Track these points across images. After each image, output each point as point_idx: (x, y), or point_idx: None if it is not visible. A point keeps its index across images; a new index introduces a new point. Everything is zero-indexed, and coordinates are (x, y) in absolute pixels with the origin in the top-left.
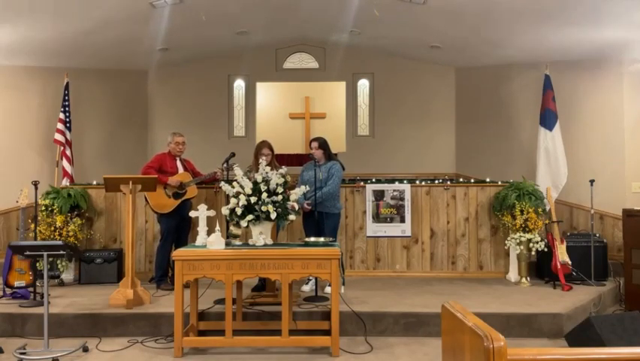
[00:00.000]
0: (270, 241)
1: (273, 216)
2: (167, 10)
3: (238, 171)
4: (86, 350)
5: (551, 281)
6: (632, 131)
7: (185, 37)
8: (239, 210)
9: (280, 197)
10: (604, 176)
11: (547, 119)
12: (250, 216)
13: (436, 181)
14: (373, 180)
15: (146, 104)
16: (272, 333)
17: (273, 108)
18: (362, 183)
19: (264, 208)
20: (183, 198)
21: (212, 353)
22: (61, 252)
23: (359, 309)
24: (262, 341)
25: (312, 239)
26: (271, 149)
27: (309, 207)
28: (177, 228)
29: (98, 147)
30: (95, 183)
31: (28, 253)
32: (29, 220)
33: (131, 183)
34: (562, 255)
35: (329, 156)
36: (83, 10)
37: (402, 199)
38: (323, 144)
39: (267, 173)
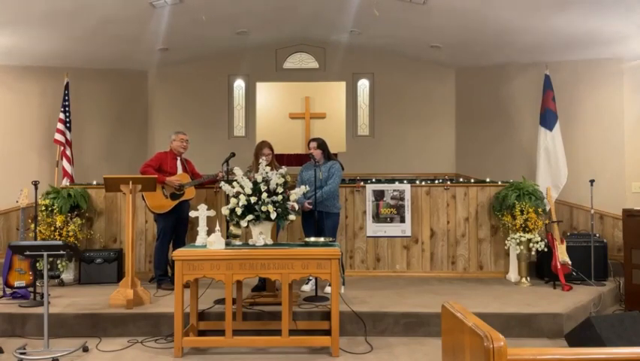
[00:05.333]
0: (270, 241)
1: (273, 216)
2: (167, 10)
3: (238, 172)
4: (86, 350)
5: (551, 281)
6: (632, 131)
7: (185, 37)
8: (239, 210)
9: (280, 197)
10: (604, 176)
11: (547, 119)
12: (250, 216)
13: (436, 181)
14: (373, 180)
15: (146, 104)
16: (272, 333)
17: (273, 108)
18: (362, 183)
19: (264, 208)
20: (181, 199)
21: (212, 353)
22: (61, 252)
23: (359, 309)
24: (262, 341)
25: (312, 239)
26: (271, 149)
27: (310, 207)
28: (174, 228)
29: (98, 147)
30: (95, 183)
31: (28, 253)
32: (29, 220)
33: (131, 183)
34: (562, 255)
35: (328, 155)
36: (83, 10)
37: (402, 199)
38: (322, 144)
39: (267, 173)
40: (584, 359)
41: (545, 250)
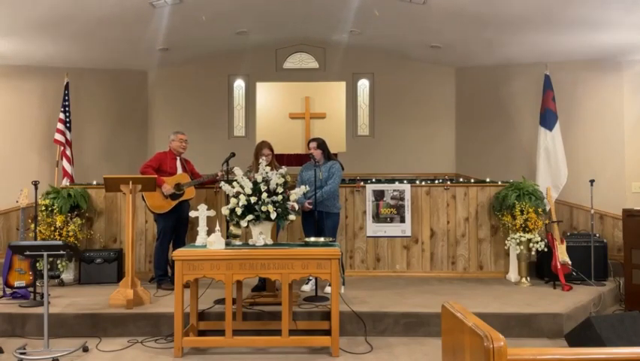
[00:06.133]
0: (270, 241)
1: (273, 216)
2: (167, 10)
3: (238, 172)
4: (86, 350)
5: (551, 281)
6: (632, 131)
7: (185, 37)
8: (239, 210)
9: (280, 197)
10: (604, 176)
11: (547, 119)
12: (250, 216)
13: (436, 181)
14: (373, 180)
15: (146, 104)
16: (272, 333)
17: (273, 108)
18: (362, 183)
19: (264, 208)
20: (180, 199)
21: (212, 353)
22: (61, 252)
23: (359, 309)
24: (262, 341)
25: (312, 239)
26: (271, 149)
27: (310, 207)
28: (174, 228)
29: (98, 146)
30: (95, 183)
31: (28, 253)
32: (29, 220)
33: (131, 183)
34: (562, 255)
35: (328, 155)
36: (83, 10)
37: (402, 199)
38: (321, 144)
39: (267, 173)
40: (584, 359)
41: (545, 250)
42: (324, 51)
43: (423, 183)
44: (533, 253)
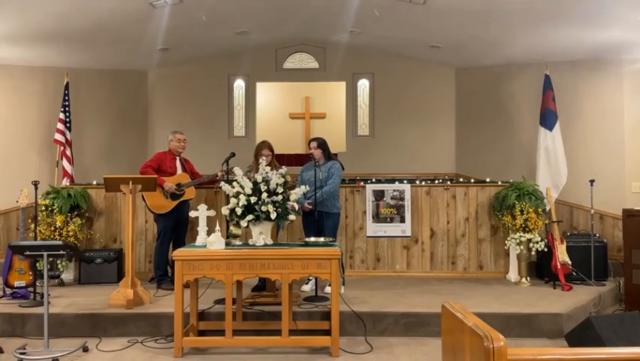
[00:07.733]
0: (270, 241)
1: (273, 216)
2: (167, 10)
3: (238, 172)
4: (86, 350)
5: (551, 281)
6: (632, 131)
7: (185, 37)
8: (239, 210)
9: (280, 197)
10: (604, 176)
11: (547, 119)
12: (250, 216)
13: (436, 181)
14: (373, 180)
15: (146, 104)
16: (272, 333)
17: (273, 108)
18: (362, 183)
19: (264, 208)
20: (181, 200)
21: (212, 353)
22: (61, 252)
23: (359, 309)
24: (262, 341)
25: (312, 239)
26: (271, 149)
27: (310, 207)
28: (174, 228)
29: (98, 147)
30: (95, 183)
31: (28, 253)
32: (29, 220)
33: (131, 183)
34: (562, 255)
35: (328, 155)
36: (83, 10)
37: (402, 199)
38: (322, 144)
39: (267, 173)
40: (584, 359)
41: (545, 250)
42: (324, 51)
43: (423, 183)
44: (533, 253)
